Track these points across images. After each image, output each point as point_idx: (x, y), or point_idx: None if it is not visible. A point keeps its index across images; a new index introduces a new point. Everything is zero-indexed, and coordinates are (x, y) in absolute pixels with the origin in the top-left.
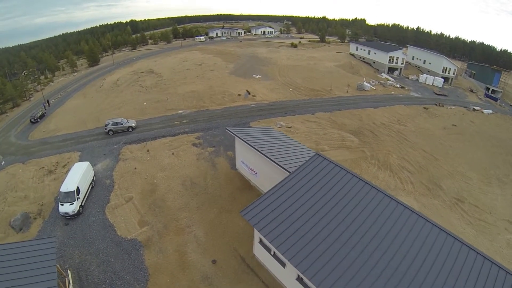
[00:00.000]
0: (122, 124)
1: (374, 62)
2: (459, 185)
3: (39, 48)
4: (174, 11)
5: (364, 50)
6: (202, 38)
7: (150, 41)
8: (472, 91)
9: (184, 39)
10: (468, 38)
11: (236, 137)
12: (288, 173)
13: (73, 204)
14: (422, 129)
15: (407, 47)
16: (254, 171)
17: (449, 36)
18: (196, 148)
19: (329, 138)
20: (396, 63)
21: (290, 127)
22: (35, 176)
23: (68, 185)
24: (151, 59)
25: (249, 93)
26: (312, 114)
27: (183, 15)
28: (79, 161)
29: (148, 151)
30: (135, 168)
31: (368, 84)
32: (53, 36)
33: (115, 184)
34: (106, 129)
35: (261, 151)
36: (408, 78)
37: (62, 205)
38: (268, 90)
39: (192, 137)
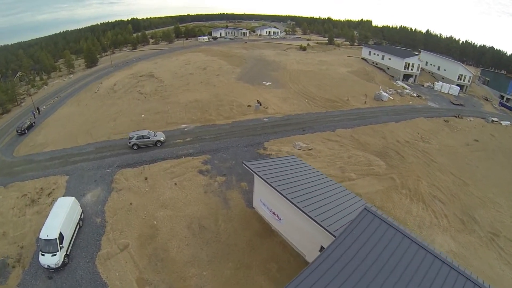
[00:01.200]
0: (149, 138)
1: (388, 68)
2: (491, 215)
3: (38, 46)
4: (176, 10)
5: (378, 55)
6: (205, 38)
7: (151, 40)
8: (487, 99)
9: (187, 39)
10: (478, 42)
11: (255, 174)
12: (328, 232)
13: (55, 255)
14: (446, 146)
15: (419, 51)
16: (277, 216)
17: (459, 40)
18: (203, 177)
19: (355, 163)
20: (412, 69)
21: (311, 149)
22: (16, 207)
23: (49, 230)
24: (152, 61)
25: (260, 104)
26: (332, 131)
27: (186, 13)
28: (66, 187)
29: (146, 179)
30: (131, 204)
31: (386, 94)
32: (53, 33)
33: (107, 224)
34: (130, 142)
35: (292, 200)
36: (423, 85)
37: (43, 255)
38: (281, 100)
39: (197, 161)
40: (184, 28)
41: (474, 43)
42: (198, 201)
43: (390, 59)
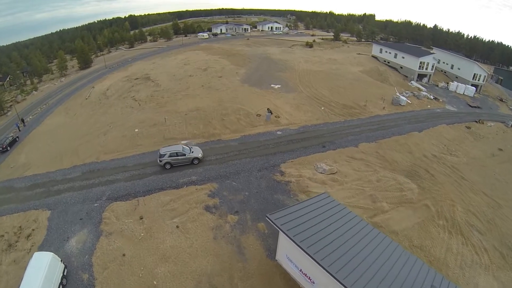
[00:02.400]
0: (184, 155)
1: (401, 68)
2: None
3: (34, 47)
4: (175, 6)
5: (390, 53)
6: (205, 35)
7: (149, 38)
8: (501, 100)
9: (186, 36)
10: (485, 37)
11: (283, 234)
12: None
13: None
14: (473, 159)
15: (431, 48)
16: (309, 278)
17: (467, 36)
18: (211, 216)
19: (385, 188)
20: (426, 69)
21: (335, 172)
22: None
23: None
24: (149, 61)
25: (271, 113)
26: (355, 147)
27: (184, 9)
28: (47, 227)
29: (141, 218)
30: (124, 255)
31: (404, 98)
32: (49, 32)
33: (97, 283)
34: (161, 161)
35: (329, 270)
36: (437, 86)
37: None
38: (294, 108)
39: (202, 193)
40: (183, 25)
41: (482, 39)
42: (206, 251)
43: (403, 57)
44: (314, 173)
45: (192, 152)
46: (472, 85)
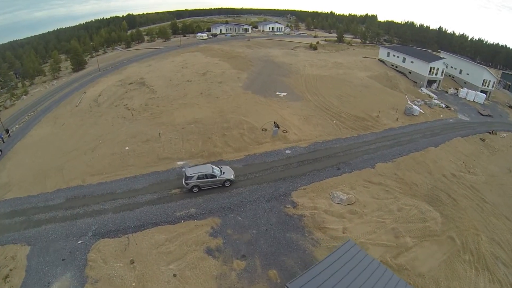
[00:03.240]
0: (215, 177)
1: (410, 73)
2: None
3: (30, 46)
4: (174, 5)
5: (398, 57)
6: (204, 35)
7: (146, 38)
8: (510, 107)
9: (184, 36)
10: (483, 37)
11: None
12: None
13: None
14: (491, 176)
15: (439, 51)
16: None
17: (472, 38)
18: (214, 261)
19: (407, 219)
20: (436, 74)
21: (353, 202)
22: None
23: None
24: (144, 63)
25: (278, 127)
26: (372, 168)
27: (183, 8)
28: (26, 268)
29: (132, 262)
30: None
31: (417, 108)
32: (46, 31)
33: None
34: (187, 183)
35: None
36: (447, 92)
37: None
38: (302, 120)
39: (203, 230)
40: (181, 24)
41: (486, 41)
42: None
43: (412, 62)
44: (330, 204)
45: (223, 173)
46: (481, 91)
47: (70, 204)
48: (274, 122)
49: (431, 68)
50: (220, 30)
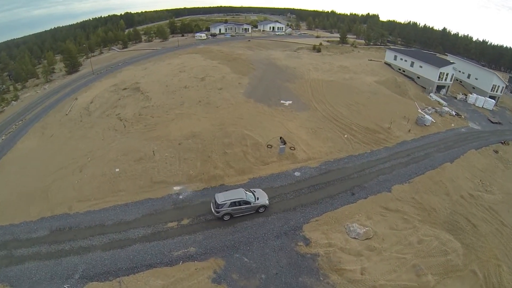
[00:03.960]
0: (249, 203)
1: (418, 78)
2: None
3: (26, 46)
4: (173, 2)
5: (406, 61)
6: (203, 35)
7: (144, 37)
8: None
9: (182, 35)
10: (493, 41)
11: None
12: None
13: None
14: (508, 195)
15: (446, 54)
16: None
17: (477, 40)
18: None
19: (428, 252)
20: (445, 80)
21: (371, 236)
22: None
23: None
24: (140, 66)
25: (284, 143)
26: (388, 192)
27: (182, 7)
28: None
29: None
30: None
31: (429, 117)
32: (44, 30)
33: None
34: (218, 211)
35: None
36: (455, 98)
37: None
38: (311, 134)
39: (205, 275)
40: (179, 23)
41: (491, 43)
42: None
43: (421, 67)
44: (346, 239)
45: (257, 198)
46: (489, 96)
47: (55, 238)
48: (281, 138)
49: (440, 73)
50: (220, 30)
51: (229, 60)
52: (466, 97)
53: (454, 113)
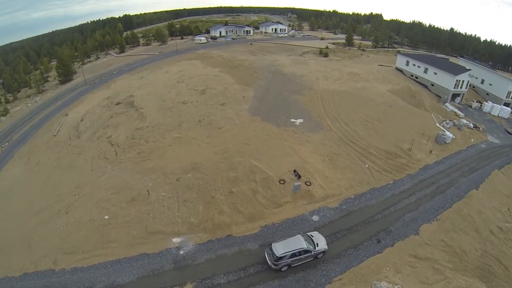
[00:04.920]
0: (310, 252)
1: (432, 85)
2: None
3: (23, 50)
4: (173, 3)
5: (419, 67)
6: (203, 39)
7: (142, 41)
8: None
9: (182, 38)
10: (497, 39)
11: None
12: None
13: None
14: None
15: (456, 57)
16: None
17: (485, 40)
18: None
19: None
20: (461, 88)
21: None
22: None
23: None
24: (136, 75)
25: (299, 177)
26: (416, 234)
27: (182, 8)
28: None
29: None
30: None
31: (450, 135)
32: (41, 34)
33: None
34: (277, 264)
35: None
36: (470, 106)
37: None
38: (327, 162)
39: None
40: (179, 25)
41: (500, 43)
42: None
43: (436, 74)
44: None
45: (317, 245)
46: (504, 104)
47: None
48: (295, 171)
49: (457, 81)
50: (220, 32)
51: (231, 68)
52: (481, 106)
53: (472, 126)
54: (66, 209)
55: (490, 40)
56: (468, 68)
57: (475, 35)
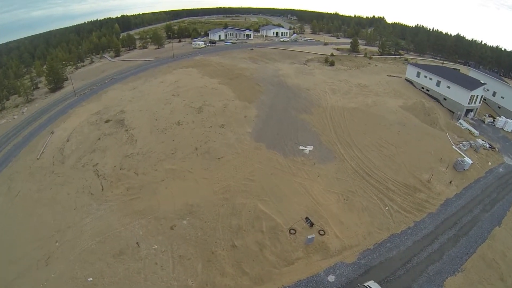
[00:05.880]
0: None
1: (445, 99)
2: None
3: (17, 52)
4: (172, 3)
5: (431, 79)
6: (201, 43)
7: (138, 43)
8: None
9: (179, 41)
10: (506, 46)
11: None
12: None
13: None
14: None
15: (465, 65)
16: None
17: (492, 46)
18: None
19: None
20: (475, 103)
21: None
22: None
23: None
24: (129, 84)
25: (311, 225)
26: None
27: (181, 8)
28: None
29: None
30: None
31: (468, 160)
32: (40, 32)
33: None
34: None
35: None
36: (483, 121)
37: None
38: (342, 203)
39: None
40: (176, 27)
41: (506, 49)
42: None
43: (449, 87)
44: None
45: None
46: None
47: None
48: (307, 218)
49: (471, 96)
50: (219, 36)
51: (231, 79)
52: (493, 121)
53: (488, 146)
54: (46, 260)
55: (497, 47)
56: (483, 82)
57: (481, 41)
